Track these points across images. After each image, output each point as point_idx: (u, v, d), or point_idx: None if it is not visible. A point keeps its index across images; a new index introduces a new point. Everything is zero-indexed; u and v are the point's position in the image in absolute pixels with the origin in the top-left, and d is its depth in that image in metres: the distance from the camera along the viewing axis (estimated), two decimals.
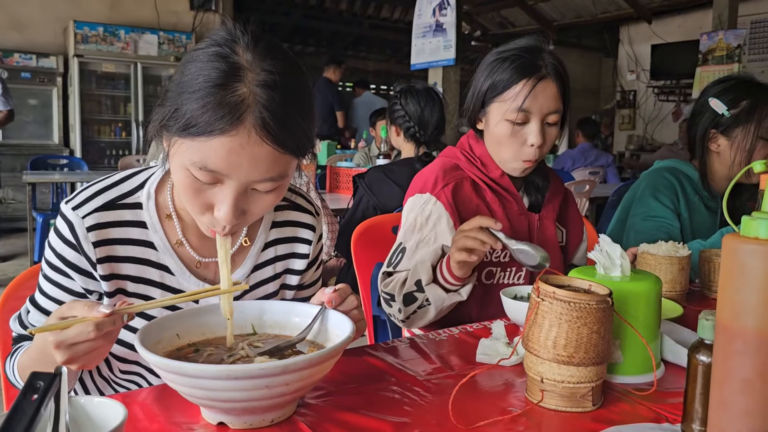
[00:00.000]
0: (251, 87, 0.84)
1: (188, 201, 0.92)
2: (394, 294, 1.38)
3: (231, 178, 0.87)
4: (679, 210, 1.87)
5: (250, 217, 0.94)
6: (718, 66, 6.46)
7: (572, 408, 0.87)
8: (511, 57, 1.39)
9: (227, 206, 0.89)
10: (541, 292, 0.88)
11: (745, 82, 1.83)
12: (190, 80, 0.86)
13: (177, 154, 0.88)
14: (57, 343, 0.79)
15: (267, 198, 0.93)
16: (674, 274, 1.40)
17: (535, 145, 1.37)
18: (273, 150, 0.86)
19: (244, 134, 0.84)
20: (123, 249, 1.02)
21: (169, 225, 1.05)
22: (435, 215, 1.42)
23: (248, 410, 0.78)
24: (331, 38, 11.24)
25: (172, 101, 0.88)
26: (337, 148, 5.76)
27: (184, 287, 1.06)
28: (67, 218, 1.00)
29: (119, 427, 0.63)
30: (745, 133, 1.78)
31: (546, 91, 1.36)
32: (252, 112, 0.84)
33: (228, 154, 0.84)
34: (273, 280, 1.14)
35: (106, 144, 7.28)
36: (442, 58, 6.16)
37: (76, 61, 6.80)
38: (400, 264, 1.43)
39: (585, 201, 4.61)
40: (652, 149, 9.03)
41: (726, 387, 0.73)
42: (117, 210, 1.02)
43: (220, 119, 0.82)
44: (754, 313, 0.70)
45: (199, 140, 0.84)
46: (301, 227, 1.16)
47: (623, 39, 10.37)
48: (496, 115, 1.40)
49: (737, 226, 0.73)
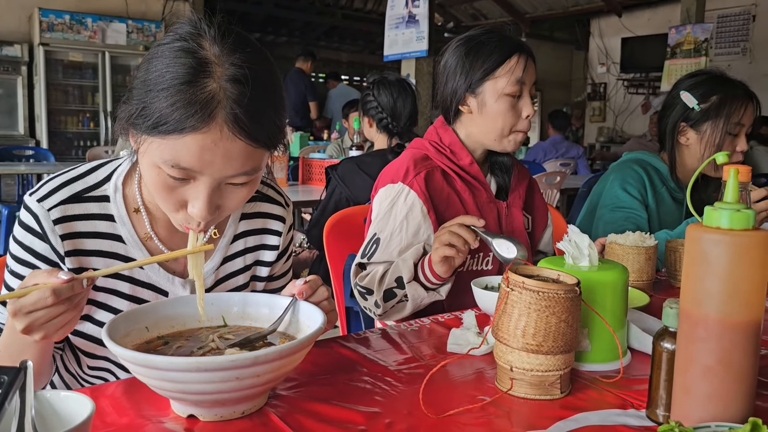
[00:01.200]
0: (220, 82, 0.83)
1: (161, 199, 0.90)
2: (372, 288, 1.39)
3: (204, 175, 0.86)
4: (646, 201, 1.90)
5: (224, 211, 0.94)
6: (686, 59, 6.57)
7: (541, 396, 0.89)
8: (490, 39, 1.45)
9: (201, 203, 0.87)
10: (510, 282, 0.89)
11: (716, 77, 1.86)
12: (156, 77, 0.84)
13: (147, 153, 0.87)
14: (14, 310, 0.78)
15: (241, 192, 0.92)
16: (641, 263, 1.43)
17: (530, 116, 1.46)
18: (246, 145, 0.85)
19: (216, 131, 0.82)
20: (91, 242, 1.00)
21: (137, 218, 1.04)
22: (408, 204, 1.43)
23: (219, 402, 0.77)
24: (304, 29, 11.14)
25: (138, 99, 0.86)
26: (309, 140, 5.73)
27: (153, 280, 1.05)
28: (32, 210, 0.98)
29: (86, 421, 0.62)
30: (714, 128, 1.81)
31: (531, 65, 1.47)
32: (223, 108, 0.82)
33: (201, 151, 0.83)
34: (243, 272, 1.13)
35: (74, 135, 7.13)
36: (414, 50, 6.16)
37: (42, 50, 6.64)
38: (374, 255, 1.43)
39: (556, 192, 4.66)
40: (621, 141, 9.16)
41: (688, 373, 0.74)
42: (83, 203, 1.00)
43: (191, 117, 0.81)
44: (715, 300, 0.71)
45: (170, 138, 0.83)
46: (271, 219, 1.15)
47: (594, 32, 10.48)
48: (492, 94, 1.45)
49: (701, 217, 0.75)
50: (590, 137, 10.51)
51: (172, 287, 1.06)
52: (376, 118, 2.65)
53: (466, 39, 1.48)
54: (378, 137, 2.71)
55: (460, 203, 1.48)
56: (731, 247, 0.70)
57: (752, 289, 0.71)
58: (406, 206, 1.43)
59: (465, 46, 1.46)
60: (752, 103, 1.82)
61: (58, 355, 1.09)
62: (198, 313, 0.93)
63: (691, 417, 0.74)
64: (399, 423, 0.80)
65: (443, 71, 1.50)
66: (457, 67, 1.47)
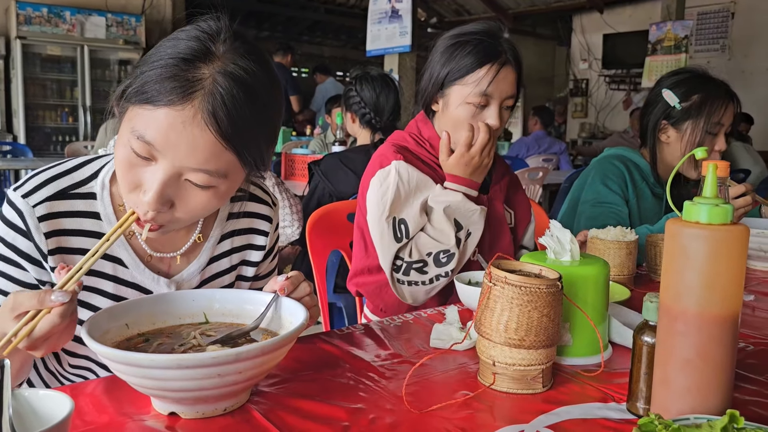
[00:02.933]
0: (215, 73, 0.83)
1: (120, 176, 0.89)
2: (424, 259, 1.39)
3: (165, 157, 0.84)
4: (627, 196, 1.92)
5: (178, 214, 0.90)
6: (667, 56, 6.63)
7: (523, 390, 0.89)
8: (472, 41, 1.41)
9: (153, 189, 0.85)
10: (493, 277, 0.89)
11: (698, 75, 1.87)
12: (158, 53, 0.86)
13: (124, 123, 0.87)
14: (30, 345, 0.78)
15: (199, 195, 0.88)
16: (622, 258, 1.44)
17: (494, 128, 1.41)
18: (215, 141, 0.83)
19: (189, 113, 0.82)
20: (76, 240, 0.99)
21: (123, 215, 1.02)
22: (406, 172, 1.43)
23: (200, 399, 0.77)
24: (287, 23, 11.08)
25: (137, 72, 0.87)
26: (292, 135, 5.71)
27: (138, 280, 1.03)
28: (17, 206, 0.95)
29: (65, 420, 0.62)
30: (694, 127, 1.82)
31: (507, 77, 1.40)
32: (205, 94, 0.82)
33: (168, 129, 0.82)
34: (229, 272, 1.12)
35: (52, 130, 7.04)
36: (397, 45, 6.16)
37: (19, 43, 6.54)
38: (410, 232, 1.41)
39: (538, 188, 4.69)
40: (603, 137, 9.23)
41: (668, 366, 0.75)
42: (69, 200, 0.98)
43: (171, 91, 0.81)
44: (694, 294, 0.72)
45: (145, 108, 0.83)
46: (257, 218, 1.14)
47: (576, 28, 10.53)
48: (456, 98, 1.42)
49: (681, 212, 0.76)
50: (572, 133, 10.57)
51: (157, 287, 1.04)
52: (359, 113, 2.65)
53: (454, 34, 1.46)
54: (361, 132, 2.70)
55: None
56: (710, 242, 0.71)
57: (730, 282, 0.72)
58: (405, 173, 1.42)
59: (448, 41, 1.45)
60: (733, 103, 1.84)
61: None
62: (180, 311, 0.92)
63: (671, 409, 0.75)
64: (382, 418, 0.80)
65: (428, 62, 1.50)
66: (436, 62, 1.45)
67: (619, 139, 6.75)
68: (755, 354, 1.08)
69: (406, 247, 1.40)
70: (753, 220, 1.90)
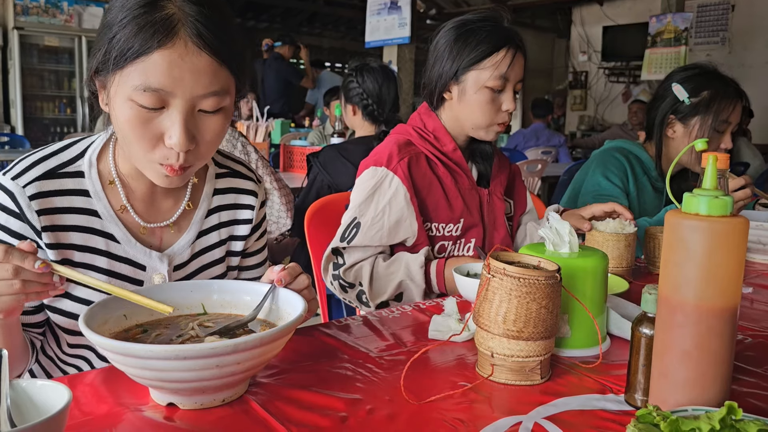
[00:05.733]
0: (177, 4, 0.88)
1: (136, 138, 0.91)
2: (355, 284, 1.40)
3: (176, 97, 0.88)
4: (627, 189, 1.92)
5: (201, 149, 0.94)
6: (666, 48, 6.61)
7: (521, 381, 0.89)
8: (484, 26, 1.43)
9: (178, 129, 0.88)
10: (491, 269, 0.89)
11: (709, 72, 1.86)
12: (114, 16, 0.88)
13: (119, 91, 0.89)
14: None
15: (213, 122, 0.93)
16: (621, 250, 1.44)
17: (510, 110, 1.45)
18: (211, 60, 0.88)
19: (180, 45, 0.86)
20: (67, 218, 1.01)
21: (112, 192, 1.04)
22: (392, 190, 1.42)
23: (199, 390, 0.77)
24: (285, 14, 11.02)
25: (101, 44, 0.89)
26: (290, 127, 5.69)
27: (131, 255, 1.05)
28: (7, 188, 0.97)
29: (63, 410, 0.61)
30: (702, 123, 1.82)
31: (519, 61, 1.45)
32: (183, 24, 0.86)
33: (169, 67, 0.86)
34: (218, 246, 1.15)
35: (50, 121, 7.02)
36: (397, 36, 6.14)
37: (16, 34, 6.51)
38: (354, 239, 1.42)
39: (537, 180, 4.69)
40: (602, 129, 9.21)
41: (666, 358, 0.75)
42: (58, 179, 1.01)
43: (155, 35, 0.85)
44: (693, 286, 0.72)
45: (138, 63, 0.86)
46: (243, 194, 1.18)
47: (575, 20, 10.49)
48: (474, 84, 1.44)
49: (680, 204, 0.76)
50: (571, 125, 10.55)
51: (150, 261, 1.06)
52: (361, 105, 2.63)
53: (459, 23, 1.46)
54: (361, 124, 2.69)
55: (442, 190, 1.48)
56: (709, 234, 0.71)
57: (729, 274, 0.71)
58: (390, 192, 1.42)
59: (456, 31, 1.45)
60: (741, 102, 1.83)
61: (38, 341, 1.08)
62: (178, 301, 0.92)
63: (669, 401, 0.75)
64: (380, 409, 0.80)
65: (432, 53, 1.50)
66: (444, 52, 1.46)
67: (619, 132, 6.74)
68: (754, 346, 1.08)
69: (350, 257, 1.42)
70: (752, 212, 1.90)
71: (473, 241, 1.52)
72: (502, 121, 1.47)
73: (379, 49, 6.48)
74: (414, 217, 1.41)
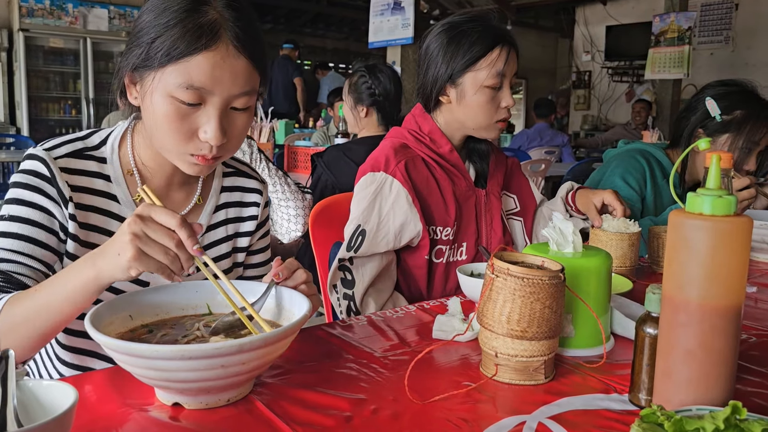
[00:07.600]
0: (218, 9, 0.94)
1: (172, 130, 0.95)
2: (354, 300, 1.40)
3: (214, 95, 0.93)
4: (644, 193, 1.90)
5: (229, 142, 0.99)
6: (670, 48, 6.60)
7: (525, 381, 0.89)
8: (475, 27, 1.43)
9: (214, 124, 0.94)
10: (495, 269, 0.89)
11: (746, 91, 1.83)
12: (156, 17, 0.93)
13: (159, 86, 0.93)
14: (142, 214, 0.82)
15: (241, 118, 0.99)
16: (624, 250, 1.44)
17: (509, 106, 1.46)
18: (247, 63, 0.95)
19: (223, 48, 0.92)
20: (88, 198, 1.05)
21: (130, 181, 1.09)
22: (393, 194, 1.42)
23: (204, 390, 0.77)
24: (289, 15, 11.03)
25: (143, 41, 0.94)
26: (295, 127, 5.70)
27: None
28: (40, 156, 1.02)
29: (69, 410, 0.62)
30: (731, 143, 1.78)
31: (513, 55, 1.46)
32: (225, 29, 0.93)
33: (212, 68, 0.92)
34: (225, 241, 1.19)
35: (55, 122, 7.04)
36: (400, 37, 6.13)
37: (22, 36, 6.53)
38: (361, 248, 1.40)
39: (541, 180, 4.68)
40: (605, 129, 9.19)
41: (670, 357, 0.75)
42: (84, 160, 1.06)
43: (201, 37, 0.91)
44: (696, 285, 0.72)
45: (182, 62, 0.91)
46: (248, 192, 1.23)
47: (579, 20, 10.48)
48: (472, 85, 1.44)
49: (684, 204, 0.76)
50: (575, 125, 10.53)
51: None
52: (375, 105, 2.61)
53: (448, 26, 1.46)
54: (371, 125, 2.67)
55: (439, 192, 1.47)
56: (712, 233, 0.71)
57: (733, 274, 0.71)
58: (392, 196, 1.41)
59: (447, 34, 1.45)
60: None
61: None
62: (184, 302, 0.93)
63: (673, 401, 0.75)
64: (384, 409, 0.80)
65: (424, 57, 1.49)
66: (438, 56, 1.45)
67: (622, 131, 6.73)
68: (758, 345, 1.08)
69: (357, 273, 1.41)
70: (756, 212, 1.89)
71: (465, 245, 1.51)
72: (503, 118, 1.48)
73: (382, 49, 6.49)
74: (417, 217, 1.41)
